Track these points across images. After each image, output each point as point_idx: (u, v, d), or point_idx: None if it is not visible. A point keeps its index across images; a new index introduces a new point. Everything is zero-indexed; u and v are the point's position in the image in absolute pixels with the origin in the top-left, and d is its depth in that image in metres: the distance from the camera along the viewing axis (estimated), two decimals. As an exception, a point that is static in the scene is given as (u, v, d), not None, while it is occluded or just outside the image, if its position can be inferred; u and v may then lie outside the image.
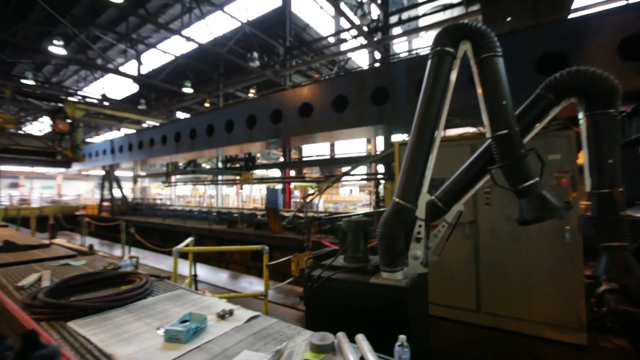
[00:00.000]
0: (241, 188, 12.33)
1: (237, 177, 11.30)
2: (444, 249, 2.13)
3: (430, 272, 2.12)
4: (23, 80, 12.31)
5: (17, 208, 14.24)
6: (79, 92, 15.92)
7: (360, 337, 1.28)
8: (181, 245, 2.93)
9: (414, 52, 13.56)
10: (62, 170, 24.30)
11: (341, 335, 1.33)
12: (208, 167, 14.45)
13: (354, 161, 9.25)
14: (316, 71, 15.32)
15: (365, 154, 17.27)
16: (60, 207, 15.95)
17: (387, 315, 1.63)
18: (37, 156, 11.16)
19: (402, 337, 1.04)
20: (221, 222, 9.25)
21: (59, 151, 11.51)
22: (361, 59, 15.20)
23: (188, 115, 9.24)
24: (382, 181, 10.42)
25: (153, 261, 6.93)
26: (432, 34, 4.93)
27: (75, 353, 1.29)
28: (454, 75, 1.89)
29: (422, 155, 1.82)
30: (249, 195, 25.60)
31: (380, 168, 11.77)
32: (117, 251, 7.90)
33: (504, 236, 3.08)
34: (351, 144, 22.08)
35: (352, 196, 31.08)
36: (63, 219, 11.76)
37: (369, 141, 21.81)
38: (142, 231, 9.24)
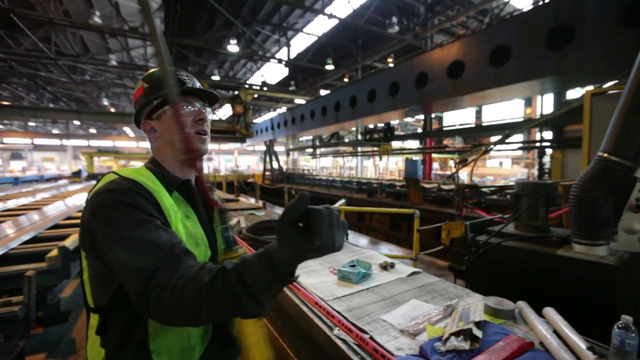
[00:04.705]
0: (380, 159, 12.47)
1: (376, 149, 11.44)
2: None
3: None
4: (212, 77, 15.98)
5: (213, 175, 19.48)
6: (247, 82, 19.43)
7: (551, 311, 1.10)
8: (337, 205, 3.24)
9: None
10: (238, 145, 30.99)
11: (523, 304, 1.18)
12: (347, 140, 15.28)
13: (508, 127, 7.75)
14: (462, 26, 13.39)
15: (521, 120, 14.35)
16: (237, 175, 20.59)
17: (581, 297, 1.34)
18: (224, 134, 15.00)
19: (628, 319, 0.82)
20: (361, 192, 9.69)
21: (238, 129, 14.92)
22: (522, 1, 12.16)
23: (329, 92, 9.93)
24: (549, 150, 8.42)
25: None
26: None
27: (274, 275, 1.64)
28: None
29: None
30: (385, 167, 25.74)
31: (546, 135, 9.52)
32: (277, 209, 9.54)
33: None
34: (502, 110, 18.72)
35: (501, 169, 26.84)
36: (242, 183, 15.18)
37: (528, 104, 17.96)
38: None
